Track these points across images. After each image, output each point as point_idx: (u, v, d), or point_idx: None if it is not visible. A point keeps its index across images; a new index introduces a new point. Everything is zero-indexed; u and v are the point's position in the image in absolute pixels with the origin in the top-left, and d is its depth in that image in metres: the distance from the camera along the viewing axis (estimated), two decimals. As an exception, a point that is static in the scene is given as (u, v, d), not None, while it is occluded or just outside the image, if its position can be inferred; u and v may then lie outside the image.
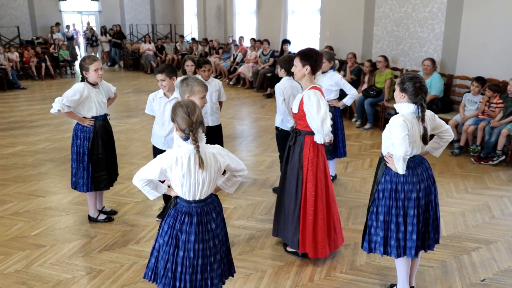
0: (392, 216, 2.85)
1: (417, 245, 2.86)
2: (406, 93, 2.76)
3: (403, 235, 2.85)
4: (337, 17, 9.63)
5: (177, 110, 2.41)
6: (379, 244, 2.92)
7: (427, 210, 2.88)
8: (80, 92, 3.91)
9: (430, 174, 2.91)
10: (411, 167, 2.80)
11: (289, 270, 3.49)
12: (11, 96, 11.22)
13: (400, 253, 2.88)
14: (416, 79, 2.74)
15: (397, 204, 2.83)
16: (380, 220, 2.90)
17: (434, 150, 3.07)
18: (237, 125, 8.23)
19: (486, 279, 3.38)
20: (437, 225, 2.97)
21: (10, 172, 5.67)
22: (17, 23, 16.38)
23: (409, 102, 2.76)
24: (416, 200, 2.81)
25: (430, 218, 2.91)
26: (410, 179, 2.80)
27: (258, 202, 4.78)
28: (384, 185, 2.88)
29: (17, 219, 4.39)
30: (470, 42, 6.81)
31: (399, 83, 2.80)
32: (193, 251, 2.47)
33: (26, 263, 3.60)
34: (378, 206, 2.91)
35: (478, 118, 6.21)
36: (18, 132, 7.66)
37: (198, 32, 17.47)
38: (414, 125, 2.74)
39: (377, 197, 2.92)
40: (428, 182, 2.87)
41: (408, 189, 2.80)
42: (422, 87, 2.73)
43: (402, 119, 2.71)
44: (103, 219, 4.32)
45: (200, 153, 2.39)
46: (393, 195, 2.83)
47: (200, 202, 2.49)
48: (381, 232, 2.90)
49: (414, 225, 2.82)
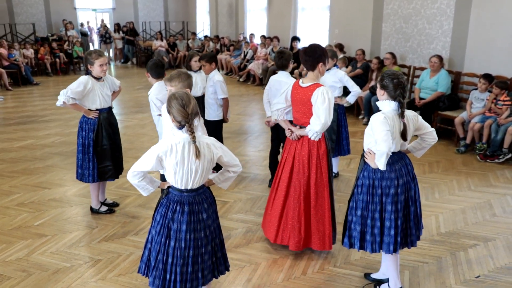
0: (369, 211, 2.88)
1: (396, 241, 2.86)
2: (385, 90, 2.78)
3: (379, 230, 2.86)
4: (346, 14, 9.59)
5: (172, 103, 2.44)
6: (357, 239, 2.95)
7: (407, 206, 2.89)
8: (84, 84, 4.00)
9: (410, 170, 2.91)
10: (389, 163, 2.80)
11: (283, 263, 3.52)
12: (25, 92, 11.46)
13: (375, 248, 2.90)
14: (394, 76, 2.76)
15: (373, 199, 2.85)
16: (357, 215, 2.93)
17: (415, 150, 3.06)
18: (244, 121, 8.27)
19: (481, 276, 3.36)
20: (418, 221, 2.96)
21: (18, 165, 5.81)
22: (33, 20, 16.69)
23: (389, 99, 2.78)
24: (395, 196, 2.82)
25: (410, 214, 2.91)
26: (387, 175, 2.81)
27: (258, 196, 4.81)
28: (362, 180, 2.91)
29: (22, 209, 4.50)
30: (478, 39, 6.72)
31: (379, 81, 2.83)
32: (184, 241, 2.50)
33: (28, 251, 3.70)
34: (356, 201, 2.94)
35: (484, 115, 6.13)
36: (29, 126, 7.83)
37: (210, 29, 17.57)
38: (395, 122, 2.75)
39: (355, 192, 2.95)
40: (407, 178, 2.87)
41: (386, 185, 2.81)
42: (400, 84, 2.74)
43: (382, 116, 2.72)
44: (105, 210, 4.41)
45: (196, 143, 2.43)
46: (370, 191, 2.86)
47: (192, 191, 2.53)
48: (358, 227, 2.93)
49: (392, 220, 2.83)
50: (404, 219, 2.89)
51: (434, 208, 4.51)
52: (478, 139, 6.19)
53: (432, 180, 5.25)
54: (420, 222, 3.00)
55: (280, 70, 4.66)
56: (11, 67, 12.11)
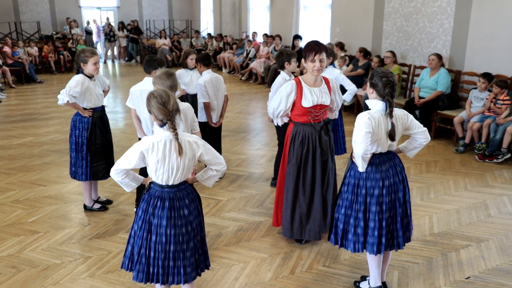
0: (353, 210, 2.86)
1: (380, 242, 2.83)
2: (374, 88, 2.75)
3: (363, 230, 2.84)
4: (348, 12, 9.54)
5: (152, 102, 2.45)
6: (339, 236, 2.94)
7: (394, 207, 2.85)
8: (81, 82, 4.02)
9: (399, 171, 2.87)
10: (376, 164, 2.78)
11: (272, 262, 3.51)
12: (28, 90, 11.54)
13: (358, 248, 2.87)
14: (383, 74, 2.73)
15: (357, 199, 2.83)
16: (341, 213, 2.92)
17: (407, 151, 3.01)
18: (243, 119, 8.26)
19: (472, 277, 3.33)
20: (407, 223, 2.92)
21: (16, 162, 5.85)
22: (38, 18, 16.79)
23: (378, 97, 2.75)
24: (379, 197, 2.79)
25: (397, 216, 2.86)
26: (373, 176, 2.78)
27: (252, 195, 4.80)
28: (348, 179, 2.89)
29: (17, 206, 4.53)
30: (479, 38, 6.65)
31: (369, 79, 2.80)
32: (164, 236, 2.51)
33: (19, 248, 3.73)
34: (342, 200, 2.93)
35: (484, 115, 6.07)
36: (29, 124, 7.88)
37: (214, 27, 17.57)
38: (381, 123, 2.71)
39: (342, 190, 2.94)
40: (395, 179, 2.82)
41: (371, 185, 2.79)
42: (389, 82, 2.70)
43: (367, 116, 2.68)
44: (98, 208, 4.43)
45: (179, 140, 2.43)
46: (355, 190, 2.84)
47: (173, 187, 2.54)
48: (341, 225, 2.92)
49: (377, 221, 2.80)
50: (391, 220, 2.86)
51: (428, 208, 4.47)
52: (477, 139, 6.13)
53: (428, 180, 5.21)
54: (409, 223, 2.95)
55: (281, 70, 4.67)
56: (15, 65, 12.20)
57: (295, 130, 3.54)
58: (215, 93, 5.03)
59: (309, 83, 3.44)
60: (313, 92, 3.42)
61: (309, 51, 3.32)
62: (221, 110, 5.20)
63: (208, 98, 4.96)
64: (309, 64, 3.34)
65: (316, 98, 3.42)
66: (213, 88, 4.99)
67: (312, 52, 3.30)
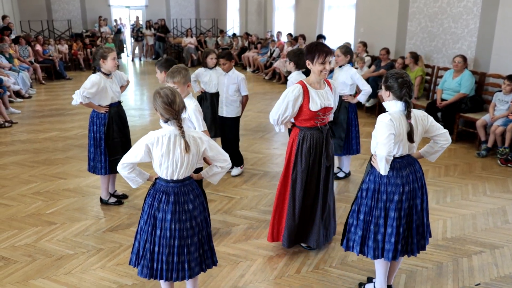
0: (373, 217, 2.78)
1: (396, 249, 2.77)
2: (390, 91, 2.69)
3: (382, 237, 2.77)
4: (372, 12, 9.42)
5: (158, 101, 2.49)
6: (357, 243, 2.86)
7: (410, 214, 2.78)
8: (97, 84, 4.13)
9: (419, 177, 2.79)
10: (396, 168, 2.71)
11: (278, 261, 3.53)
12: (57, 86, 11.91)
13: (378, 254, 2.81)
14: (398, 75, 2.67)
15: (378, 205, 2.76)
16: (360, 219, 2.84)
17: (428, 155, 2.94)
18: (263, 118, 8.27)
19: (482, 283, 3.25)
20: (423, 231, 2.84)
21: (40, 155, 6.07)
22: (69, 17, 17.30)
23: (395, 99, 2.70)
24: (399, 202, 2.72)
25: (413, 223, 2.79)
26: (393, 181, 2.71)
27: (265, 194, 4.83)
28: (368, 184, 2.81)
29: (37, 198, 4.71)
30: (505, 39, 6.46)
31: (383, 82, 2.74)
32: (169, 231, 2.55)
33: (36, 238, 3.87)
34: (360, 205, 2.85)
35: (508, 118, 5.89)
36: (56, 119, 8.15)
37: (240, 27, 17.67)
38: (402, 124, 2.65)
39: (360, 196, 2.86)
40: (414, 185, 2.75)
41: (391, 191, 2.72)
42: (405, 82, 2.64)
43: (388, 118, 2.63)
44: (114, 202, 4.55)
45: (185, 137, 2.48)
46: (375, 196, 2.76)
47: (178, 182, 2.57)
48: (360, 231, 2.84)
49: (394, 228, 2.73)
50: (406, 226, 2.79)
51: (443, 212, 4.38)
52: (500, 143, 5.95)
53: (446, 184, 5.10)
54: (425, 231, 2.87)
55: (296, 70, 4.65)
56: (46, 62, 12.62)
57: (301, 136, 3.39)
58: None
59: (315, 86, 3.33)
60: (320, 95, 3.32)
61: (319, 52, 3.21)
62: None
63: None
64: (318, 66, 3.23)
65: (323, 101, 3.32)
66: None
67: (323, 54, 3.20)
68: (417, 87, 7.46)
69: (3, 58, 10.16)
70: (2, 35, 11.33)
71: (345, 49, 4.97)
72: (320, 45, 3.29)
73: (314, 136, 3.38)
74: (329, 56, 3.23)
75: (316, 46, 3.27)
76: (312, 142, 3.38)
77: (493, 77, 6.62)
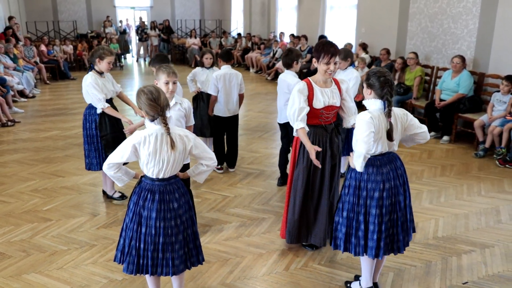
0: (355, 213, 2.81)
1: (379, 246, 2.78)
2: (372, 89, 2.71)
3: (363, 233, 2.79)
4: (373, 13, 9.43)
5: (142, 98, 2.53)
6: (342, 240, 2.88)
7: (394, 211, 2.79)
8: (95, 83, 4.20)
9: (400, 174, 2.81)
10: (377, 166, 2.74)
11: (268, 258, 3.56)
12: (61, 86, 12.03)
13: (359, 251, 2.83)
14: (381, 73, 2.68)
15: (359, 201, 2.79)
16: (343, 216, 2.86)
17: (404, 142, 2.99)
18: (263, 118, 8.31)
19: (470, 282, 3.26)
20: (407, 228, 2.86)
21: (40, 154, 6.15)
22: (75, 17, 17.46)
23: (376, 97, 2.72)
24: (380, 199, 2.73)
25: (398, 220, 2.81)
26: (373, 178, 2.73)
27: (259, 192, 4.86)
28: (349, 181, 2.84)
29: (35, 195, 4.78)
30: (504, 39, 6.44)
31: (365, 80, 2.76)
32: (154, 228, 2.59)
33: (32, 234, 3.94)
34: (343, 203, 2.87)
35: (505, 119, 5.87)
36: (58, 118, 8.25)
37: (244, 27, 17.72)
38: (382, 122, 2.68)
39: (343, 193, 2.89)
40: (396, 182, 2.77)
41: (371, 188, 2.74)
42: (387, 81, 2.66)
43: (369, 116, 2.65)
44: (118, 197, 4.64)
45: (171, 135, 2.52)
46: (356, 192, 2.79)
47: (163, 180, 2.61)
48: (344, 228, 2.86)
49: (376, 225, 2.75)
50: (391, 224, 2.80)
51: (435, 211, 4.39)
52: (498, 144, 5.94)
53: (441, 184, 5.10)
54: (409, 228, 2.90)
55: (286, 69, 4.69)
56: (51, 62, 12.77)
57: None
58: (226, 88, 5.15)
59: (320, 84, 3.34)
60: (324, 93, 3.33)
61: (324, 52, 3.19)
62: (234, 105, 5.30)
63: (216, 92, 5.16)
64: (323, 66, 3.23)
65: (327, 99, 3.32)
66: (224, 83, 5.12)
67: (328, 54, 3.19)
68: (416, 87, 7.46)
69: (8, 58, 10.30)
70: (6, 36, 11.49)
71: (344, 54, 4.95)
72: (327, 45, 3.24)
73: (318, 134, 3.38)
74: (334, 57, 3.21)
75: (323, 46, 3.24)
76: (316, 139, 3.38)
77: (492, 78, 6.60)
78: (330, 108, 3.37)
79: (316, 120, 3.38)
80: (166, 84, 3.16)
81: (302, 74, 11.25)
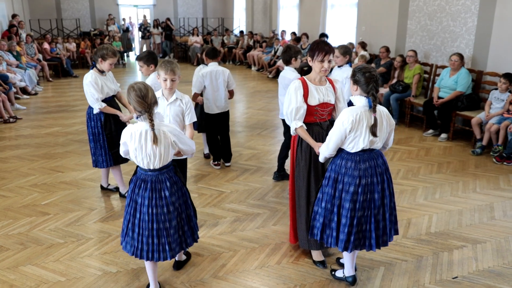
0: (331, 205, 2.88)
1: (349, 240, 2.83)
2: (358, 85, 2.75)
3: (336, 225, 2.86)
4: (373, 11, 9.44)
5: (131, 94, 2.65)
6: (319, 230, 2.95)
7: (368, 208, 2.83)
8: (95, 82, 4.25)
9: (379, 172, 2.83)
10: (356, 161, 2.79)
11: (260, 252, 3.60)
12: (64, 83, 12.12)
13: (331, 242, 2.89)
14: (366, 69, 2.73)
15: (335, 193, 2.85)
16: (322, 206, 2.94)
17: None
18: (262, 115, 8.36)
19: (460, 277, 3.29)
20: (384, 227, 2.89)
21: (41, 149, 6.23)
22: (78, 15, 17.55)
23: (362, 94, 2.76)
24: (354, 194, 2.78)
25: (371, 217, 2.84)
26: (350, 172, 2.79)
27: (255, 188, 4.90)
28: (329, 173, 2.91)
29: (34, 190, 4.85)
30: (503, 37, 6.44)
31: (351, 76, 2.81)
32: (147, 215, 2.75)
33: (29, 227, 4.01)
34: (323, 193, 2.94)
35: (502, 116, 5.89)
36: (59, 115, 8.33)
37: (246, 26, 17.75)
38: (363, 119, 2.71)
39: (323, 183, 2.96)
40: (372, 179, 2.80)
41: (347, 182, 2.80)
42: (372, 77, 2.70)
43: (351, 119, 2.69)
44: (112, 188, 4.79)
45: (154, 130, 2.62)
46: (334, 185, 2.86)
47: (155, 171, 2.76)
48: (321, 218, 2.93)
49: (348, 219, 2.80)
50: (364, 220, 2.84)
51: (430, 208, 4.42)
52: (495, 141, 5.95)
53: (437, 181, 5.12)
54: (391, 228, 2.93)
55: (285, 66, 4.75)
56: (54, 60, 12.86)
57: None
58: (213, 85, 5.21)
59: (315, 82, 3.36)
60: (319, 90, 3.35)
61: (319, 51, 3.22)
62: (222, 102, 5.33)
63: (201, 90, 5.25)
64: (317, 64, 3.25)
65: (322, 96, 3.34)
66: (211, 80, 5.18)
67: (322, 52, 3.21)
68: (415, 85, 7.47)
69: (11, 55, 10.38)
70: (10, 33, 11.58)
71: (344, 50, 5.00)
72: (322, 43, 3.28)
73: (314, 131, 3.39)
74: (328, 55, 3.23)
75: (318, 44, 3.28)
76: (312, 137, 3.37)
77: (490, 75, 6.61)
78: (325, 105, 3.39)
79: (311, 117, 3.40)
80: (164, 81, 3.25)
81: (303, 72, 11.30)
